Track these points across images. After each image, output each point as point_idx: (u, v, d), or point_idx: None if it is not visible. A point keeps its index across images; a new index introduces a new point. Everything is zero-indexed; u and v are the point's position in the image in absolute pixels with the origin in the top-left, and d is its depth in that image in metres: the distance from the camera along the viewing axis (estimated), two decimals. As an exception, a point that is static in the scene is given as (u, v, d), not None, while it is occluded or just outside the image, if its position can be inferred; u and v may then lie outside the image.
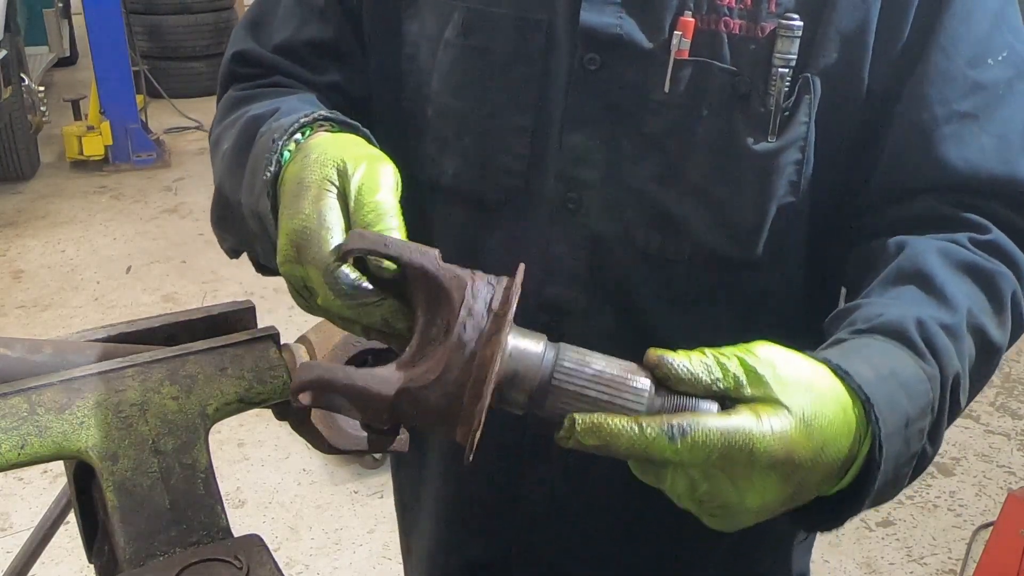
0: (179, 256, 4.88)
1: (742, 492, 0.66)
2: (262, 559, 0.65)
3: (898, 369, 0.74)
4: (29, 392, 0.69)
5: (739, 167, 0.89)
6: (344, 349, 0.83)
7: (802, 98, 0.87)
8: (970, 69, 0.87)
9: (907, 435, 0.72)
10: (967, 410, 3.76)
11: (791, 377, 0.68)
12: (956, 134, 0.86)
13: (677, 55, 0.87)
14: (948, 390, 0.76)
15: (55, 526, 1.09)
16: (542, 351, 0.67)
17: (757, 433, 0.65)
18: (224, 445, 3.33)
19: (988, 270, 0.84)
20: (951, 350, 0.77)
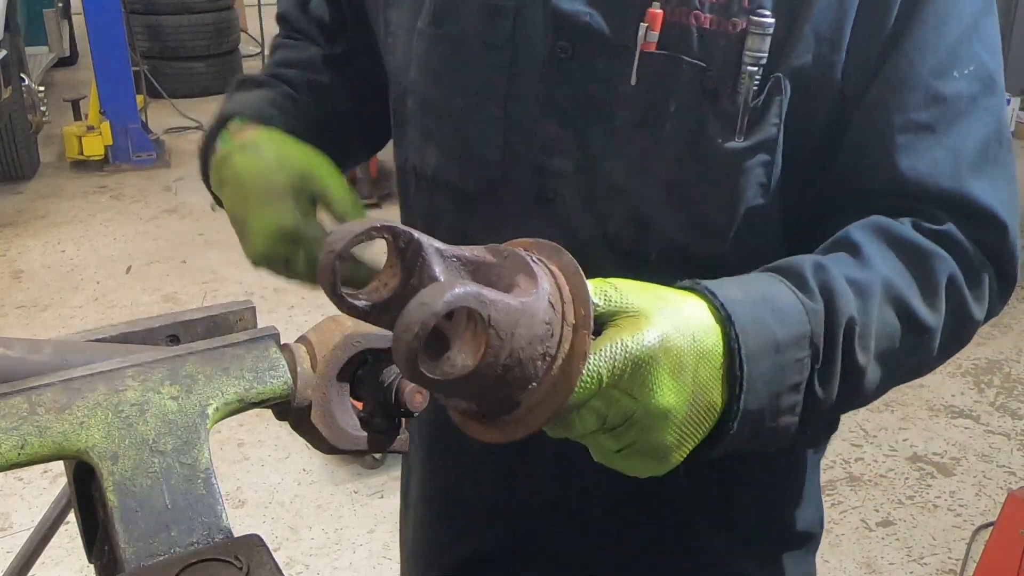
0: (179, 256, 4.88)
1: (644, 400, 0.66)
2: (262, 559, 0.65)
3: (772, 295, 0.75)
4: (29, 392, 0.69)
5: (708, 165, 0.87)
6: (344, 349, 0.83)
7: (772, 99, 0.85)
8: (933, 79, 0.85)
9: (779, 360, 0.73)
10: (967, 410, 3.78)
11: (647, 294, 0.69)
12: (910, 144, 0.85)
13: (644, 47, 0.85)
14: (840, 331, 0.76)
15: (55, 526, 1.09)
16: None
17: (633, 344, 0.65)
18: (224, 445, 3.33)
19: (923, 249, 0.83)
20: (848, 296, 0.77)
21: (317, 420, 0.82)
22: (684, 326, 0.69)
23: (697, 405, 0.70)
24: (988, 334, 4.25)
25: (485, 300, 0.57)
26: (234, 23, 8.18)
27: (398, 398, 0.84)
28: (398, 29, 1.00)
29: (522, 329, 0.59)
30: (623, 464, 0.71)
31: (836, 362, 0.77)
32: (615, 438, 0.69)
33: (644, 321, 0.67)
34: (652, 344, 0.66)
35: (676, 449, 0.70)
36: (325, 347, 0.82)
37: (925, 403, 3.69)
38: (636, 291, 0.69)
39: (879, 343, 0.80)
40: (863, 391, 0.81)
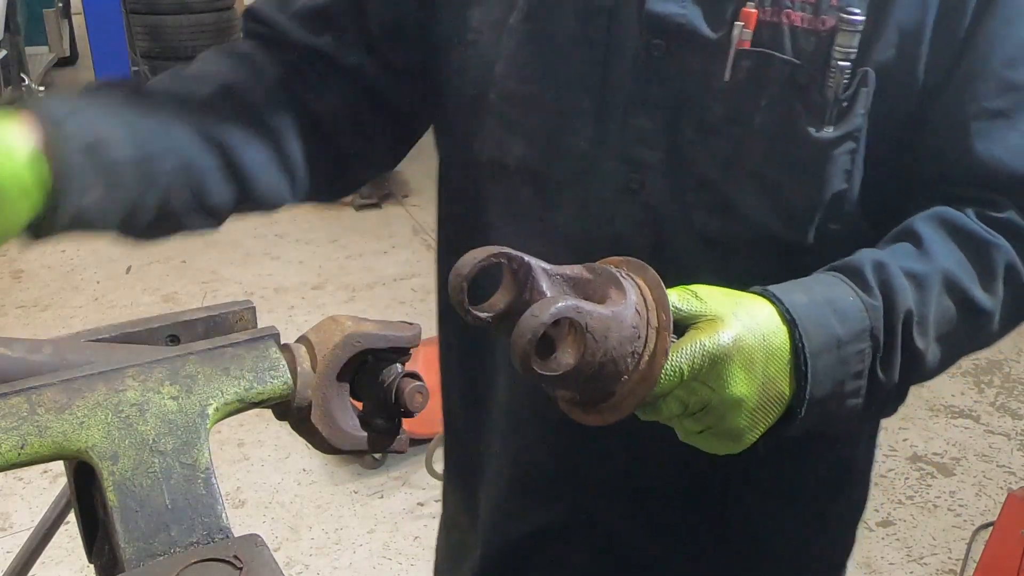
0: (179, 256, 4.88)
1: (720, 390, 0.77)
2: (262, 559, 0.65)
3: (833, 297, 0.83)
4: (29, 392, 0.69)
5: (796, 154, 0.92)
6: (344, 349, 0.83)
7: (859, 90, 0.89)
8: (1005, 69, 0.90)
9: (841, 354, 0.82)
10: (967, 410, 3.78)
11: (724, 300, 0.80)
12: (985, 130, 0.90)
13: (739, 45, 0.90)
14: (899, 323, 0.84)
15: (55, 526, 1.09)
16: None
17: (710, 343, 0.76)
18: (224, 445, 3.33)
19: (982, 238, 0.89)
20: (907, 290, 0.85)
21: (317, 420, 0.82)
22: (755, 327, 0.79)
23: (767, 395, 0.79)
24: (988, 334, 4.25)
25: (582, 310, 0.72)
26: (234, 23, 8.17)
27: (398, 398, 0.84)
28: (482, 26, 1.02)
29: (613, 333, 0.73)
30: (703, 443, 0.82)
31: (896, 350, 0.85)
32: (696, 421, 0.79)
33: (720, 324, 0.77)
34: (727, 343, 0.76)
35: (749, 431, 0.80)
36: (325, 347, 0.82)
37: (925, 403, 3.69)
38: (715, 297, 0.79)
39: (939, 328, 0.87)
40: (925, 369, 0.89)
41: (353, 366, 0.84)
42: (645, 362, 0.75)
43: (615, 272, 0.77)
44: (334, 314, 0.87)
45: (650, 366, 0.75)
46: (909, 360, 0.86)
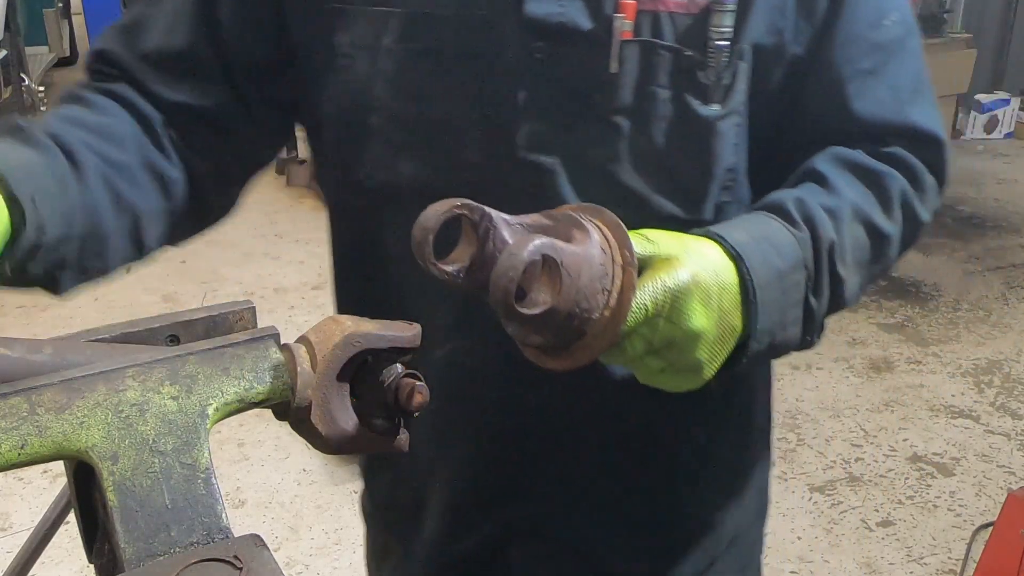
0: (179, 256, 4.88)
1: (682, 324, 0.81)
2: (262, 559, 0.65)
3: (770, 233, 0.89)
4: (29, 392, 0.69)
5: (688, 135, 0.96)
6: (344, 349, 0.83)
7: (739, 67, 0.95)
8: (869, 31, 0.99)
9: (783, 285, 0.88)
10: (967, 410, 3.78)
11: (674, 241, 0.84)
12: (859, 89, 0.99)
13: (621, 36, 0.92)
14: (823, 254, 0.91)
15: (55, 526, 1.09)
16: None
17: (670, 280, 0.80)
18: (224, 445, 3.33)
19: (875, 169, 0.98)
20: (827, 222, 0.92)
21: (317, 420, 0.82)
22: (708, 265, 0.83)
23: (723, 327, 0.84)
24: (988, 334, 4.25)
25: (558, 247, 0.72)
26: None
27: (398, 398, 0.84)
28: (353, 50, 0.99)
29: (584, 270, 0.74)
30: (665, 381, 0.86)
31: (824, 278, 0.92)
32: (659, 358, 0.83)
33: (676, 262, 0.81)
34: (686, 279, 0.81)
35: (708, 364, 0.84)
36: (325, 347, 0.82)
37: (925, 403, 3.69)
38: (665, 239, 0.83)
39: (853, 255, 0.95)
40: (846, 296, 0.95)
41: (353, 366, 0.84)
42: (615, 299, 0.76)
43: (574, 215, 0.78)
44: (334, 314, 0.87)
45: (620, 302, 0.76)
46: (834, 287, 0.93)
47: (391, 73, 0.97)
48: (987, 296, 4.64)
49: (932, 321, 4.37)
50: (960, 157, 6.69)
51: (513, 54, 0.94)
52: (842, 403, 3.69)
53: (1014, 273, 4.91)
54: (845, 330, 4.26)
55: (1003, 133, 7.12)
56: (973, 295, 4.64)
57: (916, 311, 4.46)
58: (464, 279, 0.75)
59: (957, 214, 5.72)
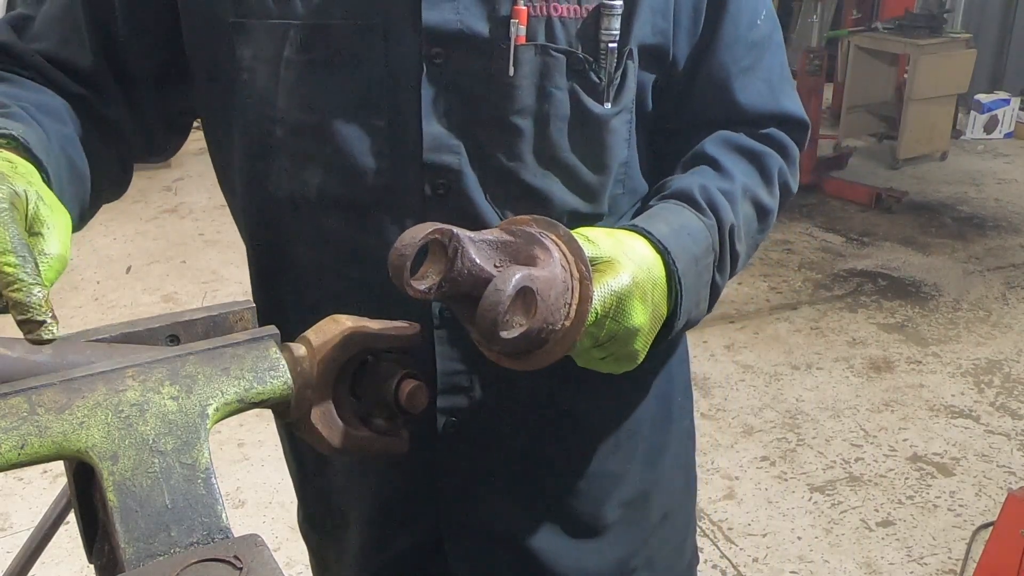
0: (179, 256, 4.88)
1: (625, 323, 0.88)
2: (262, 559, 0.65)
3: (685, 223, 0.98)
4: (29, 392, 0.69)
5: (584, 133, 1.01)
6: (344, 349, 0.83)
7: (628, 66, 1.00)
8: (747, 32, 1.08)
9: (698, 269, 0.98)
10: (967, 410, 3.77)
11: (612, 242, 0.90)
12: (743, 84, 1.09)
13: (517, 41, 0.96)
14: (726, 236, 1.03)
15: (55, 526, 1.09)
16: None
17: (616, 284, 0.87)
18: (224, 445, 3.33)
19: (759, 150, 1.10)
20: (727, 207, 1.03)
21: (317, 420, 0.82)
22: (643, 263, 0.91)
23: (655, 318, 0.92)
24: (988, 334, 4.25)
25: (533, 276, 0.79)
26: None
27: (398, 398, 0.84)
28: (255, 63, 0.99)
29: (552, 291, 0.81)
30: (604, 367, 0.94)
31: (727, 257, 1.04)
32: (602, 350, 0.91)
33: (618, 265, 0.88)
34: (627, 282, 0.88)
35: (643, 352, 0.93)
36: (325, 347, 0.82)
37: (925, 403, 3.69)
38: (604, 240, 0.90)
39: (746, 231, 1.06)
40: (738, 267, 1.08)
41: (353, 366, 0.84)
42: (574, 310, 0.83)
43: (534, 232, 0.84)
44: (333, 315, 0.87)
45: (578, 313, 0.83)
46: (733, 263, 1.05)
47: (291, 84, 0.98)
48: (987, 296, 4.64)
49: (932, 321, 4.37)
50: (960, 157, 6.69)
51: (411, 61, 0.96)
52: (842, 403, 3.69)
53: (1014, 273, 4.91)
54: (845, 330, 4.26)
55: (1003, 133, 7.12)
56: (973, 295, 4.64)
57: (916, 311, 4.46)
58: (435, 294, 0.80)
59: (957, 214, 5.72)
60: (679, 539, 1.31)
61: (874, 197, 5.76)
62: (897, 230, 5.43)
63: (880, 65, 6.78)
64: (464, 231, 0.80)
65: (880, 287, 4.70)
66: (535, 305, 0.79)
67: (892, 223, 5.53)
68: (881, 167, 6.45)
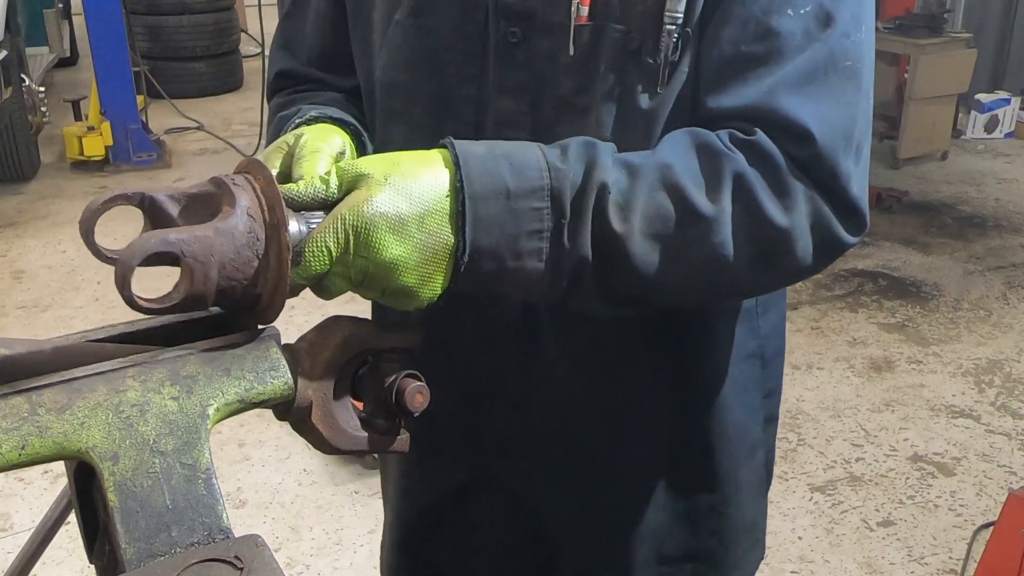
0: (179, 256, 4.87)
1: (372, 257, 0.82)
2: (263, 559, 0.65)
3: (515, 152, 0.88)
4: (29, 392, 0.69)
5: (634, 116, 0.98)
6: (344, 349, 0.83)
7: (686, 50, 0.96)
8: (764, 16, 0.93)
9: (512, 207, 0.85)
10: (968, 410, 3.76)
11: (377, 159, 0.86)
12: (738, 73, 0.93)
13: (577, 21, 0.97)
14: (591, 195, 0.87)
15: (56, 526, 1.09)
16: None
17: (350, 217, 0.81)
18: (224, 445, 3.33)
19: (716, 149, 0.90)
20: (608, 168, 0.88)
21: (317, 420, 0.82)
22: (407, 187, 0.83)
23: (430, 249, 0.84)
24: (988, 334, 4.25)
25: (171, 240, 0.73)
26: (234, 23, 8.17)
27: (398, 398, 0.84)
28: (379, 25, 1.09)
29: (219, 247, 0.75)
30: (389, 303, 0.87)
31: (586, 222, 0.87)
32: (367, 289, 0.85)
33: (365, 191, 0.82)
34: (369, 212, 0.81)
35: (422, 287, 0.85)
36: (325, 347, 0.82)
37: (926, 403, 3.68)
38: (367, 164, 0.85)
39: (650, 223, 0.88)
40: (630, 260, 0.88)
41: (353, 366, 0.84)
42: (272, 259, 0.77)
43: (227, 181, 0.79)
44: (334, 314, 0.87)
45: (278, 262, 0.77)
46: (606, 240, 0.87)
47: (396, 45, 1.07)
48: (988, 296, 4.64)
49: (933, 321, 4.37)
50: (960, 157, 6.69)
51: (492, 37, 1.02)
52: (843, 403, 3.68)
53: (1015, 273, 4.91)
54: (846, 330, 4.26)
55: (1003, 133, 7.12)
56: (974, 295, 4.64)
57: (917, 311, 4.46)
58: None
59: (957, 214, 5.71)
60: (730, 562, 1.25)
61: (874, 197, 5.75)
62: (898, 230, 5.43)
63: (880, 65, 6.74)
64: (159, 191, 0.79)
65: (881, 287, 4.70)
66: (189, 270, 0.74)
67: (892, 223, 5.52)
68: (881, 167, 6.44)
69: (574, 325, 1.06)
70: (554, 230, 0.87)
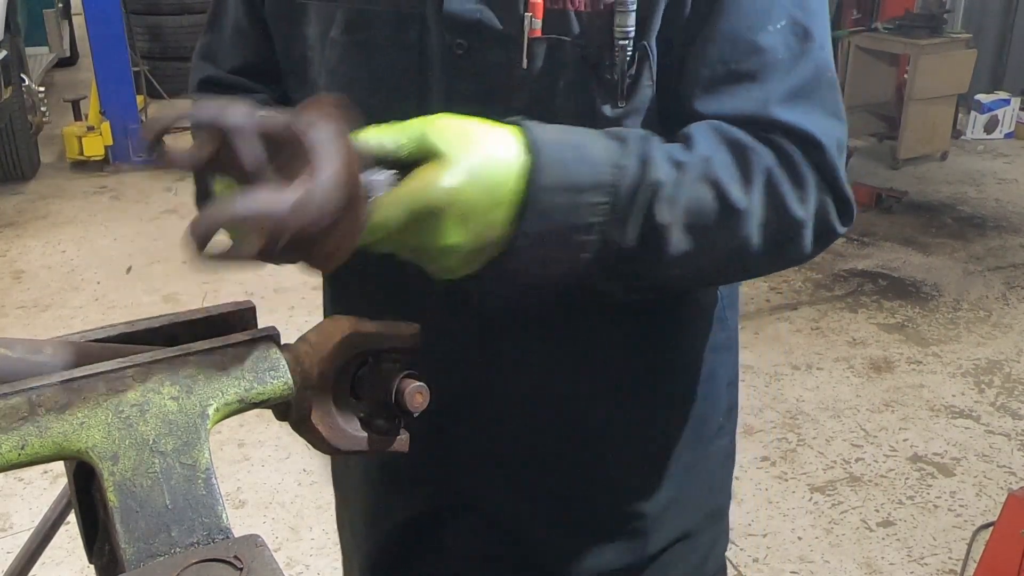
0: (179, 256, 4.85)
1: (431, 242, 0.81)
2: (263, 559, 0.65)
3: (587, 144, 0.87)
4: (29, 392, 0.69)
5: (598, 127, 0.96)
6: (344, 349, 0.83)
7: (643, 65, 0.96)
8: (749, 33, 0.95)
9: (576, 200, 0.85)
10: (967, 410, 3.77)
11: (450, 131, 0.83)
12: (729, 90, 0.95)
13: (531, 34, 0.96)
14: (642, 191, 0.88)
15: (55, 526, 1.09)
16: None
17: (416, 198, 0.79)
18: (224, 445, 3.33)
19: (745, 143, 0.93)
20: (662, 163, 0.88)
21: (317, 420, 0.82)
22: (479, 176, 0.82)
23: (485, 238, 0.84)
24: (988, 334, 4.25)
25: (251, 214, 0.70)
26: (234, 23, 8.17)
27: (398, 398, 0.84)
28: (313, 42, 1.06)
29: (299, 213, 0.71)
30: (417, 262, 0.86)
31: (635, 215, 0.88)
32: (407, 255, 0.85)
33: (436, 170, 0.80)
34: (437, 197, 0.80)
35: (463, 267, 0.86)
36: (325, 347, 0.82)
37: (925, 403, 3.69)
38: (440, 133, 0.82)
39: (690, 215, 0.89)
40: (668, 252, 0.90)
41: (353, 366, 0.84)
42: (344, 226, 0.75)
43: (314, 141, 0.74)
44: (334, 315, 0.87)
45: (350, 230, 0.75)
46: (650, 233, 0.88)
47: (333, 64, 1.04)
48: (987, 296, 4.64)
49: (932, 321, 4.37)
50: (960, 157, 6.69)
51: (437, 49, 0.99)
52: (842, 403, 3.68)
53: (1014, 273, 4.91)
54: (846, 330, 4.26)
55: (1003, 133, 7.12)
56: (973, 295, 4.64)
57: (916, 311, 4.46)
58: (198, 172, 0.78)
59: (957, 214, 5.72)
60: (698, 560, 1.26)
61: (874, 197, 5.75)
62: (897, 230, 5.43)
63: (880, 65, 6.78)
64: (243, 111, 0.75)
65: (880, 287, 4.70)
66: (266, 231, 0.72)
67: (892, 223, 5.52)
68: (881, 167, 6.44)
69: (534, 341, 1.06)
70: (607, 224, 0.87)
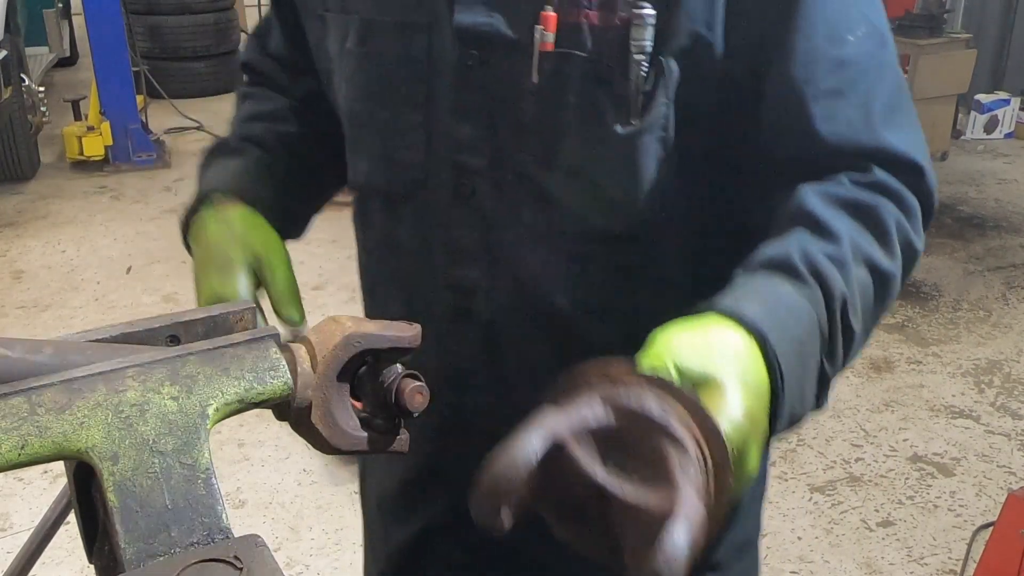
0: (179, 256, 4.86)
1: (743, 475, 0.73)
2: (262, 559, 0.65)
3: (782, 296, 0.83)
4: (29, 392, 0.69)
5: (607, 148, 0.95)
6: (344, 349, 0.83)
7: (659, 81, 0.93)
8: (830, 47, 0.92)
9: (802, 357, 0.81)
10: (967, 410, 3.77)
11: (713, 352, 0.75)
12: (824, 111, 0.91)
13: (542, 47, 0.94)
14: (837, 311, 0.85)
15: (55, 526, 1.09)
16: None
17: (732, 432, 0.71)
18: (224, 445, 3.33)
19: (868, 203, 0.90)
20: (835, 274, 0.85)
21: (317, 420, 0.82)
22: (755, 390, 0.75)
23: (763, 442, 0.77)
24: (988, 334, 4.25)
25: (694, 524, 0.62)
26: (234, 23, 8.18)
27: (398, 398, 0.84)
28: (333, 55, 1.08)
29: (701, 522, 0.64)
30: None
31: (838, 336, 0.85)
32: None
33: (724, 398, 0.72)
34: (748, 430, 0.72)
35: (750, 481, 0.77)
36: (325, 347, 0.82)
37: (925, 403, 3.69)
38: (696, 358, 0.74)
39: (862, 303, 0.88)
40: (856, 350, 0.89)
41: (353, 366, 0.84)
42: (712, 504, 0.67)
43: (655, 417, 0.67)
44: (334, 314, 0.87)
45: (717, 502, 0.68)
46: (846, 346, 0.87)
47: (349, 74, 1.06)
48: (987, 296, 4.64)
49: (932, 321, 4.37)
50: (960, 157, 6.69)
51: (448, 60, 0.98)
52: (842, 403, 3.69)
53: (1014, 273, 4.91)
54: (845, 330, 4.27)
55: (1003, 133, 7.12)
56: (973, 295, 4.64)
57: (916, 311, 4.46)
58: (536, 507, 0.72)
59: (957, 214, 5.72)
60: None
61: (874, 197, 5.76)
62: (897, 230, 5.44)
63: (880, 65, 6.78)
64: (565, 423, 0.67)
65: (880, 287, 4.70)
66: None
67: (892, 223, 5.53)
68: (881, 167, 6.44)
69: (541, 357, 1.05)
70: (821, 359, 0.85)
